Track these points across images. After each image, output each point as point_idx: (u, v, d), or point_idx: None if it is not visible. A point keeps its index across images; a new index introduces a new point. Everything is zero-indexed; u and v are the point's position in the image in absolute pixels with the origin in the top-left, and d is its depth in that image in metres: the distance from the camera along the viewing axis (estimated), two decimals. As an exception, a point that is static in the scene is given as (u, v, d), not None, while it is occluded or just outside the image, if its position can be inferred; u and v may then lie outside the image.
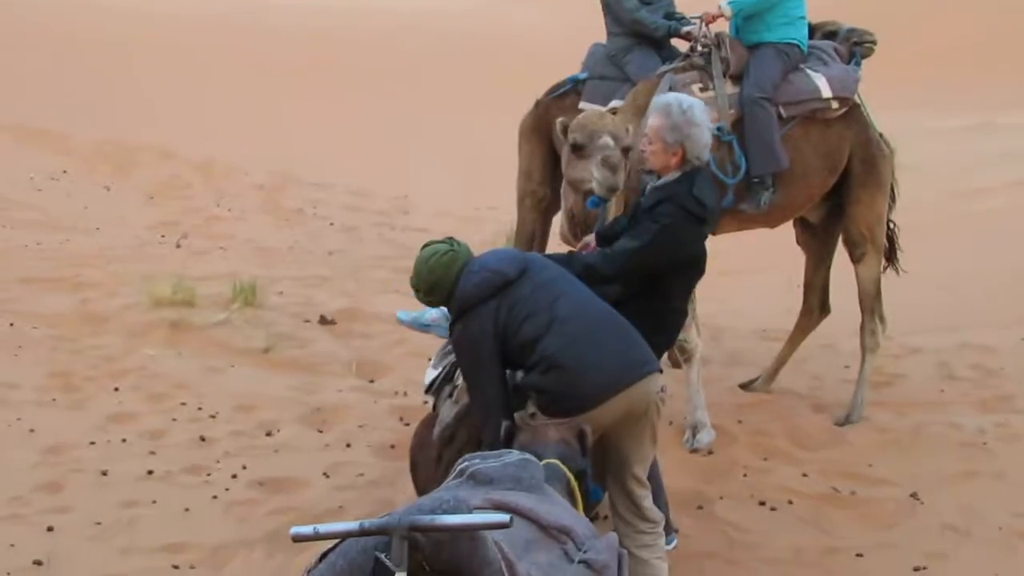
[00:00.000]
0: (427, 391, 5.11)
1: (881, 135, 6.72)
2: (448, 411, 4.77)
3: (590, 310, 4.23)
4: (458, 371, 4.71)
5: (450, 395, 4.86)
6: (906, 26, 25.33)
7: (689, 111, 4.64)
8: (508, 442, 3.83)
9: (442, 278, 4.31)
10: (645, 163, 4.85)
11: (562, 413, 4.01)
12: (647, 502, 4.30)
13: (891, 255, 7.02)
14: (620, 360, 4.11)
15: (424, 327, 5.11)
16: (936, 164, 13.34)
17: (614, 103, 6.49)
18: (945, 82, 24.15)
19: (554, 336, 4.09)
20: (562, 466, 3.66)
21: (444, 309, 4.70)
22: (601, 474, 4.26)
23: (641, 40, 6.67)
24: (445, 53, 21.60)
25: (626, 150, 5.18)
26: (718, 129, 6.24)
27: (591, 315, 4.21)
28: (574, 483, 3.66)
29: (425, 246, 4.46)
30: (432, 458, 4.71)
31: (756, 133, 6.26)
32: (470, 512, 2.70)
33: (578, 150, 5.16)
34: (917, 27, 27.04)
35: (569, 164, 5.26)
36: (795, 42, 6.51)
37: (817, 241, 7.02)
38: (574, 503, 3.60)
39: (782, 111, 6.35)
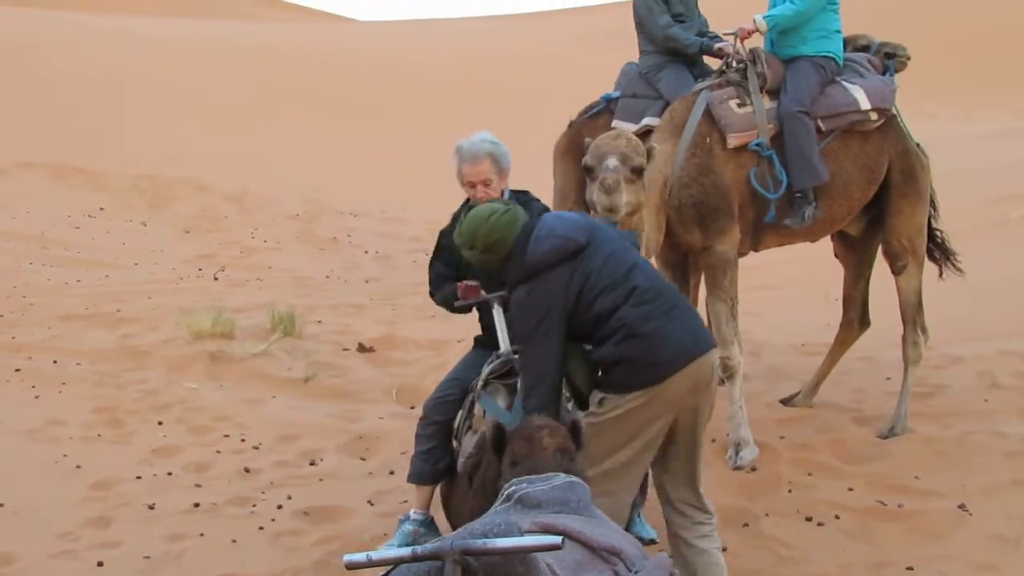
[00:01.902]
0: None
1: (919, 145, 6.70)
2: (469, 442, 4.74)
3: (660, 282, 4.32)
4: (475, 405, 4.75)
5: (469, 427, 4.84)
6: (933, 35, 25.26)
7: None
8: (500, 444, 3.64)
9: (504, 237, 4.31)
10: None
11: (638, 384, 4.07)
12: (702, 491, 4.36)
13: (947, 259, 7.00)
14: (690, 333, 4.20)
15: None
16: (969, 171, 13.26)
17: (646, 121, 6.52)
18: (970, 90, 24.06)
19: (633, 307, 4.14)
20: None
21: (418, 520, 5.08)
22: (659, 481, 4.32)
23: (673, 58, 6.69)
24: (475, 79, 21.69)
25: (636, 170, 5.20)
26: (757, 144, 6.25)
27: (662, 287, 4.29)
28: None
29: (471, 207, 4.58)
30: (463, 490, 4.68)
31: (796, 147, 6.24)
32: (521, 535, 2.70)
33: (588, 172, 5.27)
34: (943, 36, 26.96)
35: (587, 186, 5.34)
36: (831, 55, 6.50)
37: (856, 254, 6.99)
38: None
39: (821, 124, 6.34)
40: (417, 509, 5.19)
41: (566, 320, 4.19)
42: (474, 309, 5.09)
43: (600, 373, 4.26)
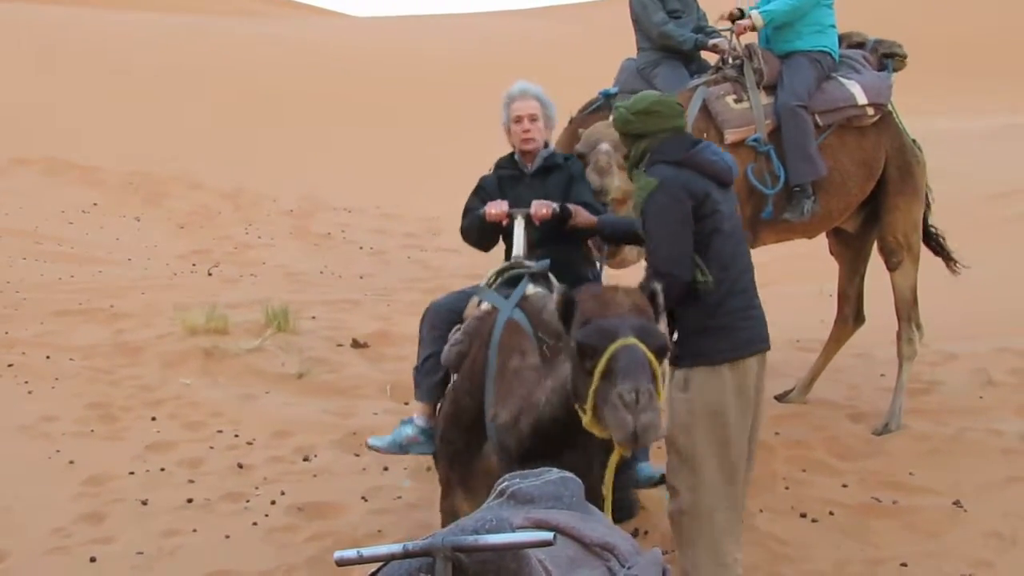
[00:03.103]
0: None
1: (914, 141, 6.70)
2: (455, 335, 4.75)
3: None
4: (473, 300, 4.79)
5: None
6: (926, 32, 25.26)
7: None
8: (567, 312, 3.57)
9: (667, 113, 4.41)
10: None
11: (722, 356, 4.22)
12: None
13: (946, 257, 7.01)
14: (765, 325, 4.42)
15: (402, 449, 4.96)
16: (965, 168, 13.25)
17: (644, 116, 6.50)
18: (965, 86, 24.05)
19: (741, 272, 4.32)
20: (641, 345, 3.40)
21: (420, 426, 4.85)
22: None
23: (669, 54, 6.69)
24: (471, 74, 21.66)
25: (627, 157, 5.23)
26: (755, 140, 6.24)
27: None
28: (655, 365, 3.43)
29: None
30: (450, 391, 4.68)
31: (794, 141, 6.24)
32: (513, 531, 2.69)
33: (581, 159, 5.40)
34: (937, 33, 26.96)
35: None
36: (827, 50, 6.50)
37: (851, 251, 6.99)
38: (657, 386, 3.41)
39: (818, 119, 6.34)
40: (421, 415, 4.99)
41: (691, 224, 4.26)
42: (500, 241, 5.15)
43: (678, 343, 4.28)
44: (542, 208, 4.88)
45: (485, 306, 4.69)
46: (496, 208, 4.96)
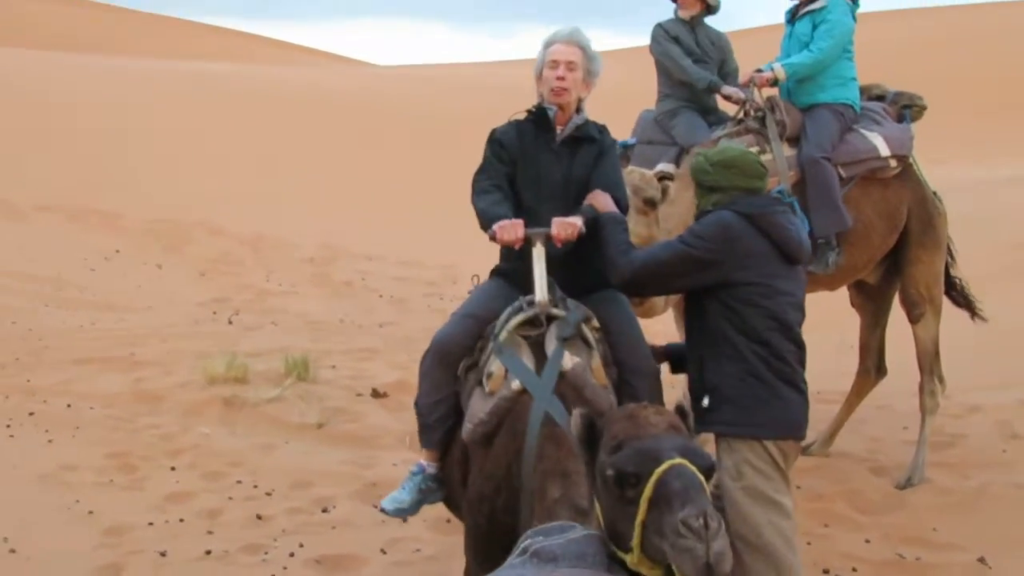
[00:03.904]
0: None
1: (935, 193, 6.70)
2: (480, 404, 4.20)
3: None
4: (491, 359, 4.22)
5: (478, 382, 4.29)
6: (943, 80, 25.27)
7: None
8: (591, 436, 3.16)
9: (748, 171, 4.23)
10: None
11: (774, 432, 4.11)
12: None
13: (970, 307, 6.98)
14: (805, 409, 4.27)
15: (417, 506, 4.69)
16: (984, 217, 13.21)
17: (661, 167, 6.52)
18: (983, 134, 24.01)
19: (789, 341, 4.16)
20: (692, 467, 2.96)
21: (431, 474, 4.56)
22: None
23: (688, 104, 6.71)
24: (492, 124, 21.75)
25: (648, 201, 5.20)
26: (779, 191, 6.24)
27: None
28: (705, 484, 2.98)
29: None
30: (476, 458, 4.21)
31: (819, 193, 6.25)
32: (536, 592, 2.66)
33: None
34: (954, 81, 26.96)
35: None
36: (849, 103, 6.53)
37: (873, 303, 6.98)
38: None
39: (841, 171, 6.35)
40: (431, 462, 4.62)
41: (710, 283, 4.10)
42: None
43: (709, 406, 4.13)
44: (565, 229, 4.29)
45: (515, 385, 4.11)
46: (510, 234, 4.31)
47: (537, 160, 4.54)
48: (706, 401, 4.14)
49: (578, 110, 4.59)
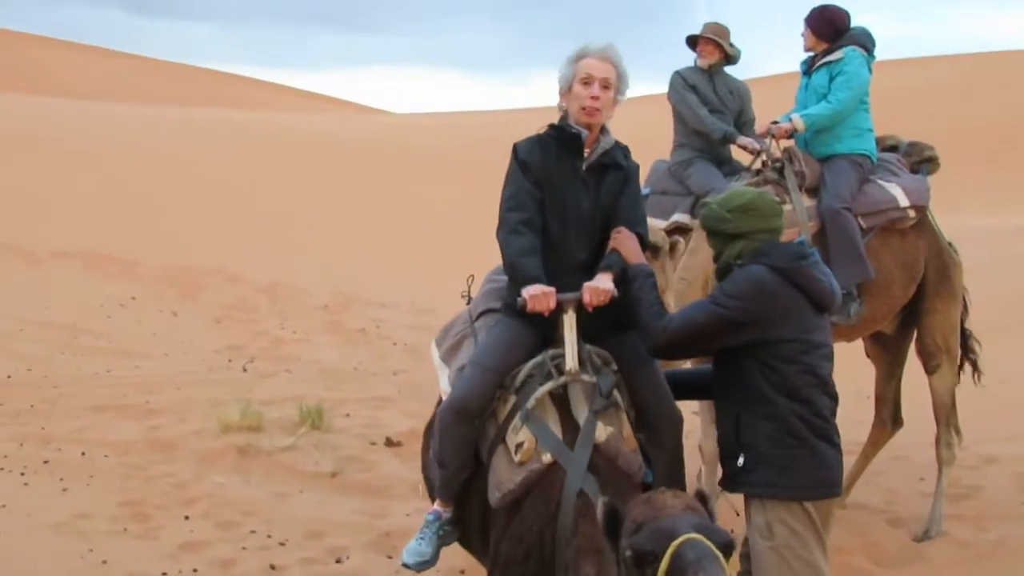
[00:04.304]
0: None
1: (950, 243, 6.70)
2: (507, 469, 4.15)
3: None
4: (518, 425, 4.14)
5: (502, 441, 4.23)
6: (953, 129, 25.30)
7: None
8: (613, 523, 3.27)
9: (766, 214, 4.17)
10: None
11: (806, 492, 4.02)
12: None
13: (973, 364, 6.94)
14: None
15: (436, 554, 4.65)
16: (997, 266, 13.20)
17: (676, 217, 6.54)
18: (993, 182, 24.00)
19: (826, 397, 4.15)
20: (707, 542, 3.09)
21: (447, 519, 4.54)
22: None
23: (702, 153, 6.74)
24: (504, 167, 21.83)
25: (650, 247, 5.20)
26: (800, 242, 6.24)
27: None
28: (723, 560, 3.10)
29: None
30: (497, 524, 4.17)
31: (841, 243, 6.23)
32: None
33: None
34: (963, 129, 26.99)
35: None
36: (866, 153, 6.55)
37: (888, 353, 6.96)
38: None
39: (861, 222, 6.35)
40: (446, 509, 4.58)
41: (747, 342, 4.01)
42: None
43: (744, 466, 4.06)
44: (597, 296, 4.18)
45: (546, 458, 4.04)
46: (542, 304, 4.14)
47: (564, 187, 4.35)
48: (741, 460, 4.06)
49: (603, 131, 4.41)
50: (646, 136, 12.91)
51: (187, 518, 6.79)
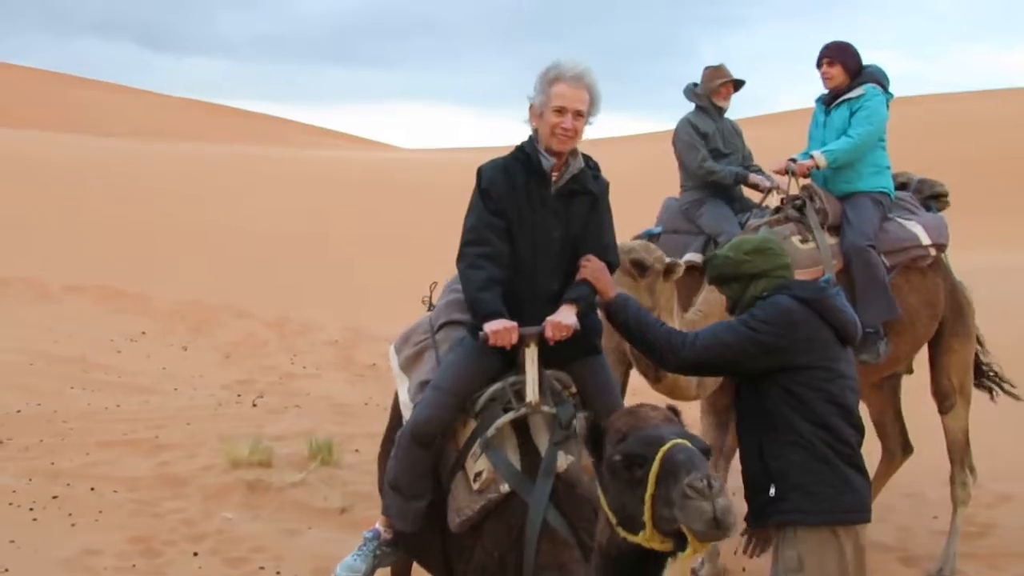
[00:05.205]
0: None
1: (960, 282, 6.67)
2: (466, 496, 4.18)
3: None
4: (477, 453, 4.17)
5: (461, 468, 4.24)
6: (962, 163, 25.31)
7: None
8: (595, 437, 3.35)
9: (777, 256, 4.26)
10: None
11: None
12: None
13: (1000, 387, 6.92)
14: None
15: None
16: (1013, 302, 13.15)
17: (688, 256, 6.49)
18: (1003, 219, 23.96)
19: (852, 427, 4.10)
20: (691, 444, 3.18)
21: (387, 539, 4.57)
22: None
23: (713, 192, 6.72)
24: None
25: (636, 263, 5.17)
26: (825, 281, 6.21)
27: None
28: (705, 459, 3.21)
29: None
30: (460, 549, 4.20)
31: (867, 281, 6.17)
32: None
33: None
34: (972, 164, 26.99)
35: None
36: (886, 191, 6.51)
37: (881, 393, 6.92)
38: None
39: (885, 260, 6.29)
40: (388, 528, 4.59)
41: (772, 367, 4.05)
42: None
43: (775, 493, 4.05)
44: (560, 331, 4.15)
45: (504, 488, 4.07)
46: (503, 339, 4.12)
47: (532, 216, 4.28)
48: (772, 491, 4.06)
49: (572, 153, 4.29)
50: (655, 176, 12.93)
51: (196, 554, 6.76)
